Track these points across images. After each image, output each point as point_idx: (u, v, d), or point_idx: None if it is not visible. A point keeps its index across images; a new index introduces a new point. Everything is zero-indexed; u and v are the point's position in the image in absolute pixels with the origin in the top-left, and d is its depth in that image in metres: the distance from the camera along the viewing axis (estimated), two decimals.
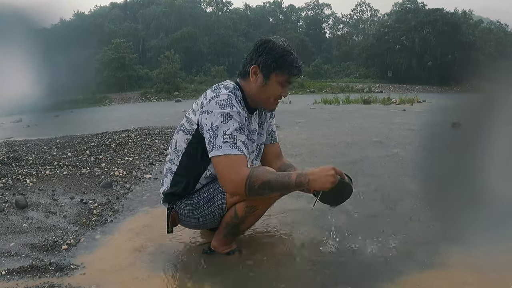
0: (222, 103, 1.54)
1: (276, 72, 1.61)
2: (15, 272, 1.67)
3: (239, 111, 1.56)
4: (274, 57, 1.59)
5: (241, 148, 1.50)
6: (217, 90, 1.61)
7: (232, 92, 1.60)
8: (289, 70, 1.61)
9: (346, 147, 4.32)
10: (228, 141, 1.49)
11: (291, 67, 1.61)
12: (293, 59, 1.61)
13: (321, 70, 45.44)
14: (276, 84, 1.63)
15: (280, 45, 1.61)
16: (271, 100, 1.68)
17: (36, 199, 2.63)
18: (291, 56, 1.61)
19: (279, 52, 1.59)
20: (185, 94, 33.61)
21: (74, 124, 8.87)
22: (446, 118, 5.54)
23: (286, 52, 1.60)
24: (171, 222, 1.77)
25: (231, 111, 1.53)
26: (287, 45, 1.63)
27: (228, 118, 1.52)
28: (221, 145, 1.49)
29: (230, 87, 1.63)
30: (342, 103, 11.83)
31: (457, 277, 1.56)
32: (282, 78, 1.62)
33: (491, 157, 2.55)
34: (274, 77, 1.62)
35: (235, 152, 1.48)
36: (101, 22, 50.35)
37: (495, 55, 34.23)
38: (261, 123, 1.83)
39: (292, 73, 1.63)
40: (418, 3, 49.42)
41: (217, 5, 59.08)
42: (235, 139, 1.49)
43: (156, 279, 1.64)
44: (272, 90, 1.64)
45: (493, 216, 2.07)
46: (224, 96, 1.56)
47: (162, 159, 3.85)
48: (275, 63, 1.59)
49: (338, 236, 1.92)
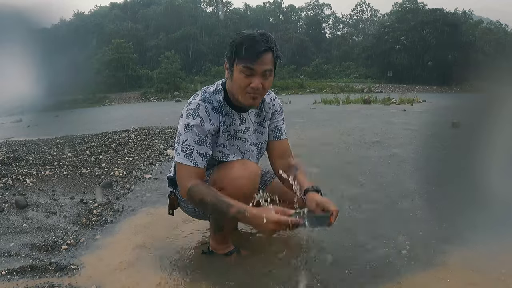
0: (189, 112, 1.58)
1: (236, 62, 1.52)
2: (15, 272, 1.67)
3: (204, 121, 1.56)
4: (232, 47, 1.52)
5: (195, 160, 1.56)
6: (195, 95, 1.64)
7: (205, 100, 1.60)
8: (246, 56, 1.49)
9: (346, 147, 4.32)
10: (185, 151, 1.56)
11: (247, 52, 1.48)
12: (250, 44, 1.48)
13: (321, 70, 45.49)
14: (240, 75, 1.52)
15: (242, 33, 1.53)
16: (242, 93, 1.55)
17: (36, 199, 2.63)
18: (249, 41, 1.49)
19: (237, 41, 1.51)
20: (185, 94, 33.57)
21: (74, 124, 8.88)
22: (446, 118, 5.55)
23: (243, 39, 1.50)
24: (170, 205, 1.83)
25: (193, 122, 1.56)
26: (251, 33, 1.51)
27: (188, 129, 1.56)
28: (179, 152, 1.58)
29: (207, 93, 1.62)
30: (342, 103, 11.83)
31: (457, 277, 1.56)
32: (242, 67, 1.51)
33: (491, 157, 2.55)
34: (235, 68, 1.53)
35: (187, 162, 1.56)
36: (101, 22, 50.41)
37: (495, 55, 34.23)
38: (261, 122, 1.77)
39: (248, 59, 1.49)
40: (418, 3, 49.46)
41: (217, 5, 59.11)
42: (191, 149, 1.56)
43: (156, 279, 1.64)
44: (238, 81, 1.53)
45: (493, 216, 2.07)
46: (193, 105, 1.59)
47: (162, 159, 3.85)
48: (234, 53, 1.52)
49: (338, 236, 1.92)
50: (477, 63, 31.13)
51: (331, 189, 2.75)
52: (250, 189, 1.56)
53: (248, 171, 1.58)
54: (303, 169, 1.73)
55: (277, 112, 1.81)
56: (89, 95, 27.95)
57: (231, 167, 1.59)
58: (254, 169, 1.61)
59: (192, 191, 1.52)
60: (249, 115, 1.72)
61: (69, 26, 45.07)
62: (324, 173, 3.22)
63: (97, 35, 45.37)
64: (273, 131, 1.81)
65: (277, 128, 1.81)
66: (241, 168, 1.58)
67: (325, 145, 4.50)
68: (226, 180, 1.56)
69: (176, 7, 53.05)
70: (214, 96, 1.62)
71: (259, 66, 1.49)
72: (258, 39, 1.49)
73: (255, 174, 1.60)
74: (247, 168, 1.59)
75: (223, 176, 1.59)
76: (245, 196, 1.52)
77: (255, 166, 1.64)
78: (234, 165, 1.60)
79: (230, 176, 1.57)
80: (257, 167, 1.65)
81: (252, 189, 1.56)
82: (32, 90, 5.79)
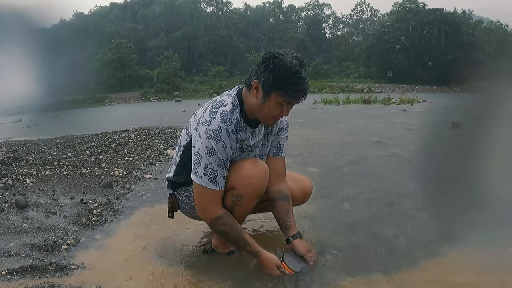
0: (210, 134, 1.53)
1: (277, 93, 1.50)
2: (15, 272, 1.67)
3: (226, 146, 1.55)
4: (277, 77, 1.48)
5: (220, 184, 1.57)
6: (213, 114, 1.56)
7: (226, 122, 1.54)
8: (291, 94, 1.50)
9: (346, 147, 4.32)
10: (208, 175, 1.55)
11: (294, 91, 1.49)
12: (297, 82, 1.48)
13: (321, 70, 45.50)
14: (276, 104, 1.53)
15: (287, 63, 1.47)
16: (270, 118, 1.60)
17: (36, 199, 2.63)
18: (296, 78, 1.47)
19: (283, 72, 1.47)
20: (185, 94, 33.61)
21: (74, 124, 8.87)
22: (446, 118, 5.55)
23: (291, 74, 1.47)
24: (170, 207, 1.83)
25: (216, 147, 1.53)
26: (296, 63, 1.48)
27: (212, 152, 1.54)
28: (201, 175, 1.56)
29: (227, 113, 1.56)
30: (342, 103, 11.83)
31: (458, 276, 1.56)
32: (282, 100, 1.52)
33: (491, 156, 2.55)
34: (274, 97, 1.51)
35: (212, 187, 1.57)
36: (101, 22, 50.40)
37: (495, 55, 34.24)
38: (267, 135, 1.78)
39: (293, 97, 1.51)
40: (418, 3, 49.41)
41: (217, 5, 59.10)
42: (215, 174, 1.56)
43: (156, 278, 1.64)
44: (271, 110, 1.55)
45: (493, 216, 2.07)
46: (215, 126, 1.53)
47: (162, 159, 3.85)
48: (277, 83, 1.48)
49: (337, 236, 1.92)
50: (477, 63, 31.14)
51: (331, 189, 2.76)
52: (260, 188, 1.62)
53: (258, 169, 1.61)
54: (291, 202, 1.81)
55: (283, 129, 1.84)
56: (89, 95, 27.93)
57: (242, 165, 1.62)
58: (264, 168, 1.64)
59: (219, 222, 1.60)
60: (260, 129, 1.73)
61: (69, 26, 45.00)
62: (324, 173, 3.22)
63: (97, 35, 45.34)
64: (274, 147, 1.84)
65: (279, 145, 1.84)
66: (252, 166, 1.61)
67: (325, 145, 4.50)
68: (237, 179, 1.60)
69: (176, 7, 53.02)
70: (232, 116, 1.58)
71: (299, 102, 1.55)
72: (302, 75, 1.49)
73: (265, 172, 1.64)
74: (257, 167, 1.62)
75: (234, 175, 1.61)
76: (255, 194, 1.61)
77: (264, 164, 1.67)
78: (245, 164, 1.63)
79: (241, 175, 1.60)
80: (266, 165, 1.68)
81: (262, 187, 1.63)
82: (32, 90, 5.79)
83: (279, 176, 1.81)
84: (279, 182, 1.79)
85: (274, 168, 1.78)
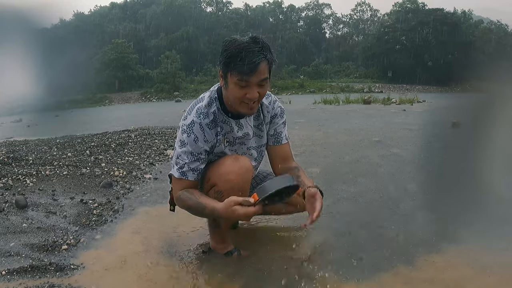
0: (184, 128, 1.62)
1: (231, 72, 1.47)
2: (15, 272, 1.67)
3: (198, 139, 1.59)
4: (225, 56, 1.47)
5: (186, 174, 1.61)
6: (190, 110, 1.64)
7: (200, 116, 1.59)
8: (239, 68, 1.44)
9: (346, 147, 4.32)
10: (177, 164, 1.63)
11: (242, 65, 1.43)
12: (245, 56, 1.42)
13: (321, 70, 45.42)
14: (234, 86, 1.49)
15: (237, 41, 1.46)
16: (239, 103, 1.53)
17: (36, 199, 2.63)
18: (244, 52, 1.43)
19: (231, 50, 1.45)
20: (185, 94, 33.59)
21: (74, 124, 8.86)
22: (446, 118, 5.55)
23: (239, 50, 1.43)
24: (170, 201, 1.84)
25: (187, 139, 1.60)
26: (246, 40, 1.46)
27: (183, 145, 1.61)
28: (174, 165, 1.65)
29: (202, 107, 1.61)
30: (342, 103, 11.82)
31: (457, 276, 1.56)
32: (236, 79, 1.47)
33: (490, 156, 2.56)
34: (229, 78, 1.49)
35: (180, 176, 1.63)
36: (101, 22, 50.40)
37: (495, 55, 34.21)
38: (259, 125, 1.75)
39: (241, 71, 1.44)
40: (418, 3, 49.38)
41: (217, 5, 59.10)
42: (183, 164, 1.61)
43: (156, 279, 1.65)
44: (232, 92, 1.51)
45: (493, 215, 2.07)
46: (188, 121, 1.61)
47: (162, 159, 3.85)
48: (228, 62, 1.46)
49: (337, 236, 1.92)
50: (477, 63, 31.11)
51: (331, 188, 2.75)
52: (240, 184, 1.58)
53: (238, 166, 1.59)
54: (303, 170, 1.73)
55: (277, 115, 1.78)
56: (89, 95, 27.95)
57: (222, 162, 1.62)
58: (244, 164, 1.61)
59: (178, 200, 1.64)
60: (247, 120, 1.71)
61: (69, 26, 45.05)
62: (324, 173, 3.22)
63: (97, 35, 45.34)
64: (272, 136, 1.79)
65: (277, 133, 1.78)
66: (232, 163, 1.60)
67: (325, 145, 4.50)
68: (217, 176, 1.60)
69: (176, 7, 52.99)
70: (209, 109, 1.61)
71: (255, 78, 1.47)
72: (253, 49, 1.44)
73: (246, 168, 1.61)
74: (237, 163, 1.60)
75: (214, 172, 1.62)
76: (235, 190, 1.53)
77: (246, 161, 1.64)
78: (226, 160, 1.62)
79: (220, 171, 1.60)
80: (249, 162, 1.65)
81: (242, 183, 1.59)
82: (32, 90, 5.79)
83: (282, 162, 1.76)
84: (283, 167, 1.75)
85: (277, 155, 1.78)
